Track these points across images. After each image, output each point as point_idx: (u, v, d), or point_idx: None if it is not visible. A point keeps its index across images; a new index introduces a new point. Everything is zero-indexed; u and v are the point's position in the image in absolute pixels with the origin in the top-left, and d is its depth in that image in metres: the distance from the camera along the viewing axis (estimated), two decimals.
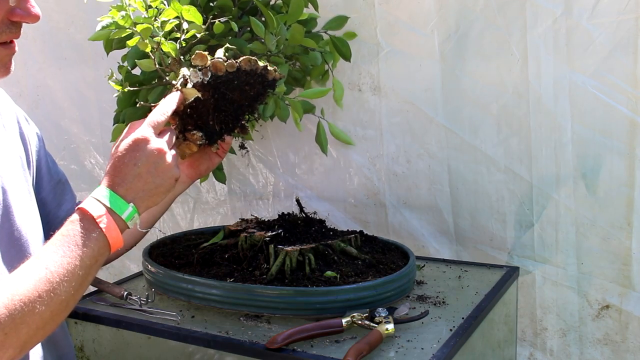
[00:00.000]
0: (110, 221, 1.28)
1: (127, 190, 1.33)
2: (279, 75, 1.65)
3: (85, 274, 1.25)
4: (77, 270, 1.22)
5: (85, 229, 1.25)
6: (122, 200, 1.31)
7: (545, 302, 2.20)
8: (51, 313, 1.18)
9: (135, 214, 1.34)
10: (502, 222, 2.23)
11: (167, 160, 1.38)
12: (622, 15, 1.87)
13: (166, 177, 1.38)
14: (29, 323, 1.15)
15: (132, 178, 1.33)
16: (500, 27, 2.06)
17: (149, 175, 1.35)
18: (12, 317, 1.12)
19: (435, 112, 2.22)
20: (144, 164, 1.34)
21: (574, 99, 2.00)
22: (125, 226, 1.32)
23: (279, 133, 2.53)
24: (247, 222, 2.12)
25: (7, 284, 1.16)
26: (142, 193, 1.35)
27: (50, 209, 1.68)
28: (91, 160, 2.96)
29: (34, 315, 1.15)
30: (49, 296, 1.17)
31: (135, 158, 1.34)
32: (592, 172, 2.03)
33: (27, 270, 1.19)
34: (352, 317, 1.65)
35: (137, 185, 1.34)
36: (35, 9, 1.35)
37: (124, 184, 1.33)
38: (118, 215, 1.30)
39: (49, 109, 2.89)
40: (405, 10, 2.18)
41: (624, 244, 2.03)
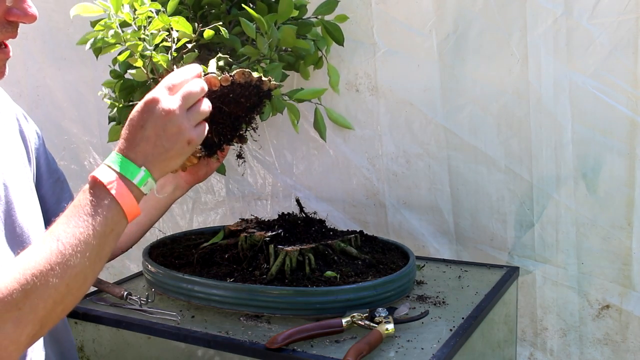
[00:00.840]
0: (122, 187, 1.23)
1: (136, 154, 1.27)
2: (274, 85, 1.62)
3: (101, 243, 1.21)
4: (91, 240, 1.18)
5: (97, 196, 1.21)
6: (133, 164, 1.26)
7: (545, 302, 2.20)
8: (67, 286, 1.15)
9: (149, 178, 1.28)
10: (503, 222, 2.23)
11: (177, 121, 1.29)
12: (623, 15, 1.87)
13: (176, 140, 1.30)
14: (44, 297, 1.12)
15: (140, 141, 1.27)
16: (499, 27, 2.05)
17: (157, 138, 1.28)
18: (25, 291, 1.10)
19: (435, 113, 2.22)
20: (152, 126, 1.27)
21: (574, 99, 2.00)
22: (140, 192, 1.27)
23: (276, 133, 2.53)
24: (247, 222, 2.12)
25: (19, 259, 1.14)
26: (152, 157, 1.28)
27: (49, 206, 1.68)
28: (90, 160, 2.96)
29: (48, 289, 1.13)
30: (62, 268, 1.14)
31: (143, 120, 1.28)
32: (592, 172, 2.03)
33: (38, 244, 1.16)
34: (352, 317, 1.65)
35: (146, 148, 1.27)
36: (32, 9, 1.33)
37: (133, 148, 1.27)
38: (130, 181, 1.25)
39: (48, 109, 2.89)
40: (403, 10, 2.17)
41: (624, 244, 2.02)
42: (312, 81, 2.16)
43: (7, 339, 1.09)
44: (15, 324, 1.10)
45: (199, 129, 1.34)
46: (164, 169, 1.31)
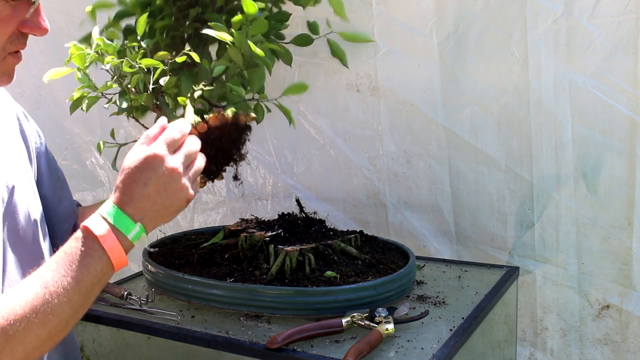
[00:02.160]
0: (114, 241, 1.24)
1: (135, 209, 1.27)
2: (250, 118, 1.68)
3: (87, 293, 1.22)
4: (77, 290, 1.19)
5: (88, 247, 1.22)
6: (130, 219, 1.26)
7: (545, 301, 2.20)
8: (49, 333, 1.17)
9: (143, 233, 1.28)
10: (503, 222, 2.23)
11: (179, 181, 1.31)
12: (623, 15, 1.87)
13: (177, 198, 1.32)
14: (24, 343, 1.13)
15: (141, 197, 1.28)
16: (500, 27, 2.05)
17: (158, 195, 1.29)
18: (7, 335, 1.11)
19: (435, 113, 2.22)
20: (154, 184, 1.28)
21: (574, 99, 2.00)
22: (131, 246, 1.28)
23: (276, 133, 2.54)
24: (247, 222, 2.12)
25: (4, 301, 1.15)
26: (151, 213, 1.29)
27: (50, 205, 1.67)
28: (92, 160, 2.96)
29: (30, 335, 1.14)
30: (46, 316, 1.15)
31: (145, 177, 1.28)
32: (592, 172, 2.03)
33: (25, 288, 1.17)
34: (352, 317, 1.66)
35: (146, 205, 1.28)
36: (45, 23, 1.37)
37: (132, 203, 1.27)
38: (123, 235, 1.25)
39: (50, 109, 2.90)
40: (403, 10, 2.17)
41: (624, 244, 2.03)
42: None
43: None
44: None
45: (196, 185, 1.38)
46: (159, 223, 1.33)
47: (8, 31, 1.32)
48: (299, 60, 2.34)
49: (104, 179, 2.95)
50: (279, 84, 2.41)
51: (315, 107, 2.39)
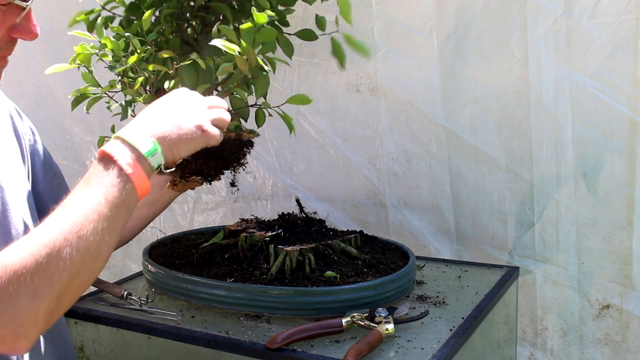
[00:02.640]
0: (130, 157, 1.22)
1: (149, 125, 1.28)
2: (253, 135, 1.75)
3: (113, 214, 1.18)
4: (103, 210, 1.16)
5: (106, 167, 1.20)
6: (143, 135, 1.25)
7: (545, 301, 2.20)
8: (81, 257, 1.13)
9: (157, 150, 1.26)
10: (503, 222, 2.23)
11: (198, 105, 1.34)
12: (623, 15, 1.87)
13: (191, 120, 1.32)
14: (59, 269, 1.10)
15: (156, 115, 1.30)
16: (500, 27, 2.05)
17: (174, 114, 1.30)
18: (39, 263, 1.08)
19: (435, 113, 2.22)
20: (173, 104, 1.32)
21: (574, 99, 2.00)
22: (148, 165, 1.24)
23: (276, 134, 2.54)
24: (247, 222, 2.12)
25: (33, 232, 1.13)
26: (164, 130, 1.29)
27: (47, 202, 1.67)
28: (92, 160, 2.95)
29: (62, 260, 1.10)
30: (75, 238, 1.12)
31: (166, 99, 1.33)
32: (592, 172, 2.03)
33: (52, 216, 1.15)
34: (352, 317, 1.65)
35: (160, 122, 1.29)
36: (36, 28, 1.35)
37: (148, 120, 1.28)
38: (139, 152, 1.23)
39: (50, 109, 2.90)
40: (403, 10, 2.18)
41: (624, 244, 2.03)
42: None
43: (23, 314, 1.07)
44: (31, 298, 1.07)
45: (214, 128, 1.37)
46: (173, 149, 1.30)
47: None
48: (299, 60, 2.34)
49: None
50: (279, 83, 2.42)
51: (315, 107, 2.39)
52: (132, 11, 1.90)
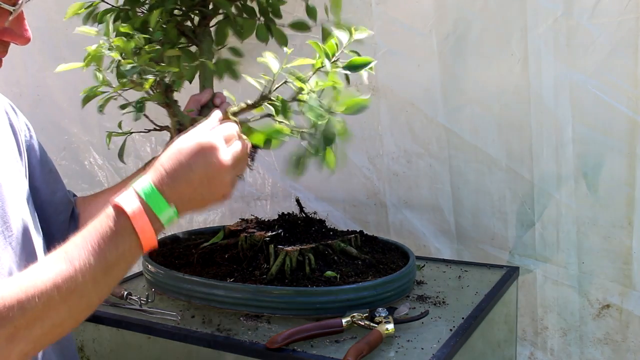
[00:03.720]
0: (145, 221, 1.19)
1: (172, 191, 1.23)
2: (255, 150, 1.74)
3: (112, 274, 1.17)
4: (103, 269, 1.14)
5: (118, 225, 1.17)
6: (165, 201, 1.22)
7: (546, 301, 2.20)
8: (69, 311, 1.11)
9: (175, 217, 1.24)
10: (504, 222, 2.23)
11: (225, 176, 1.29)
12: (623, 15, 1.87)
13: (216, 191, 1.30)
14: (42, 318, 1.08)
15: (182, 181, 1.24)
16: (500, 27, 2.05)
17: (200, 184, 1.26)
18: (24, 310, 1.05)
19: (435, 112, 2.22)
20: (200, 173, 1.25)
21: (574, 99, 2.00)
22: (161, 227, 1.22)
23: None
24: (247, 222, 2.12)
25: (25, 273, 1.12)
26: (188, 199, 1.25)
27: (44, 197, 1.66)
28: (91, 160, 2.96)
29: (49, 311, 1.08)
30: (67, 292, 1.09)
31: (194, 163, 1.25)
32: (592, 172, 2.03)
33: (49, 262, 1.12)
34: (352, 317, 1.66)
35: (185, 190, 1.24)
36: (28, 32, 1.33)
37: (172, 185, 1.23)
38: (155, 215, 1.20)
39: (49, 109, 2.89)
40: (403, 10, 2.17)
41: (624, 243, 2.02)
42: None
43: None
44: (7, 341, 1.06)
45: (234, 186, 1.35)
46: (190, 211, 1.30)
47: None
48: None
49: (103, 179, 2.95)
50: None
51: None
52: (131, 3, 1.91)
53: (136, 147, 2.79)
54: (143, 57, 1.63)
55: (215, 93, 1.89)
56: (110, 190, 1.86)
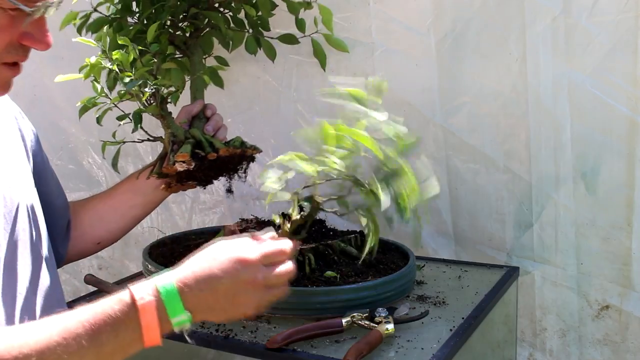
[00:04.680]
0: (154, 318, 1.15)
1: (193, 297, 1.19)
2: (256, 152, 1.93)
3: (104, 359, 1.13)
4: (96, 353, 1.11)
5: (125, 314, 1.13)
6: (182, 304, 1.17)
7: (544, 302, 2.20)
8: None
9: (188, 323, 1.18)
10: (501, 223, 2.22)
11: (252, 296, 1.26)
12: (622, 13, 1.87)
13: (239, 309, 1.26)
14: None
15: (207, 290, 1.20)
16: (498, 26, 2.05)
17: (224, 297, 1.22)
18: None
19: (433, 112, 2.21)
20: (227, 285, 1.22)
21: (573, 99, 1.99)
22: (170, 329, 1.18)
23: (274, 132, 2.52)
24: (247, 222, 2.12)
25: (18, 332, 1.09)
26: (206, 309, 1.22)
27: (49, 201, 1.66)
28: (89, 160, 2.95)
29: None
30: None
31: (224, 275, 1.22)
32: (591, 172, 2.03)
33: (43, 328, 1.10)
34: (352, 317, 1.65)
35: (207, 299, 1.21)
36: (49, 38, 1.30)
37: (195, 291, 1.19)
38: (167, 316, 1.16)
39: (46, 108, 2.88)
40: (401, 9, 2.17)
41: (623, 244, 2.02)
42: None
43: None
44: None
45: (262, 308, 1.30)
46: (204, 319, 1.26)
47: (5, 41, 1.26)
48: (297, 59, 2.33)
49: (101, 179, 2.94)
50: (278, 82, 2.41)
51: (313, 106, 2.38)
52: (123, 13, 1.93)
53: (136, 147, 2.78)
54: (140, 70, 1.65)
55: (206, 104, 1.93)
56: (99, 197, 1.89)
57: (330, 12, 2.13)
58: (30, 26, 1.27)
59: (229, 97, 2.47)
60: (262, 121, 2.50)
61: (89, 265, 3.03)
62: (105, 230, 1.87)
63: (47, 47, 1.31)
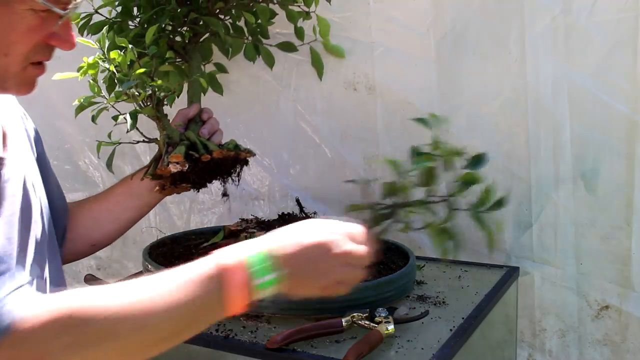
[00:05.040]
0: (242, 278, 1.16)
1: (280, 257, 1.20)
2: (250, 155, 1.90)
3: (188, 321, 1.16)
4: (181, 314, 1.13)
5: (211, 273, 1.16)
6: (270, 263, 1.18)
7: (544, 303, 2.19)
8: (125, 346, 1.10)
9: (274, 285, 1.18)
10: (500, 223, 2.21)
11: (335, 268, 1.27)
12: (622, 13, 1.87)
13: (321, 279, 1.27)
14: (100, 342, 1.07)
15: (294, 251, 1.22)
16: (497, 26, 2.05)
17: (310, 263, 1.24)
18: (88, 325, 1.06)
19: (432, 112, 2.20)
20: (313, 250, 1.24)
21: (572, 99, 1.99)
22: (256, 294, 1.17)
23: (273, 132, 2.52)
24: (247, 222, 2.12)
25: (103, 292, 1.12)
26: (291, 272, 1.21)
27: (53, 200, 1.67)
28: (85, 160, 2.94)
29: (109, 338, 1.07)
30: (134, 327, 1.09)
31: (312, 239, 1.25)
32: (591, 172, 2.02)
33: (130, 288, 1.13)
34: (352, 317, 1.65)
35: (293, 261, 1.21)
36: (74, 38, 1.34)
37: (283, 250, 1.21)
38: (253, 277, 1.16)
39: (43, 108, 2.87)
40: (401, 8, 2.17)
41: (623, 244, 2.02)
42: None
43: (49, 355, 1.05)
44: (64, 349, 1.05)
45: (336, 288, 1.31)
46: (288, 287, 1.23)
47: (33, 41, 1.29)
48: (297, 58, 2.33)
49: (98, 179, 2.93)
50: (277, 82, 2.41)
51: (313, 105, 2.38)
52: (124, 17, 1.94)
53: (133, 147, 2.78)
54: (137, 71, 1.66)
55: (203, 108, 1.94)
56: (94, 199, 1.89)
57: (327, 24, 2.16)
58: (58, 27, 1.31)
59: (228, 96, 2.47)
60: (261, 121, 2.50)
61: (87, 265, 3.03)
62: (100, 233, 1.86)
63: (72, 47, 1.35)
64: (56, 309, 1.06)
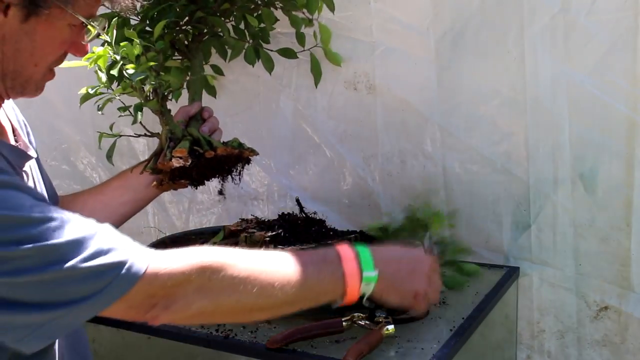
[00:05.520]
0: (354, 266, 1.34)
1: (381, 258, 1.38)
2: (253, 154, 1.92)
3: (303, 298, 1.34)
4: (300, 288, 1.31)
5: (330, 257, 1.36)
6: (373, 261, 1.36)
7: (542, 304, 2.19)
8: (248, 305, 1.27)
9: (374, 282, 1.36)
10: (499, 224, 2.21)
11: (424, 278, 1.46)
12: (621, 12, 1.86)
13: (413, 284, 1.45)
14: (231, 292, 1.24)
15: (392, 257, 1.44)
16: (496, 25, 2.04)
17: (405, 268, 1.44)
18: (223, 277, 1.22)
19: (431, 112, 2.20)
20: (408, 260, 1.47)
21: (571, 98, 1.99)
22: (362, 287, 1.36)
23: (273, 132, 2.52)
24: (247, 222, 2.11)
25: (245, 255, 1.29)
26: (389, 274, 1.39)
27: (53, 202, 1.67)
28: (83, 161, 2.94)
29: (227, 292, 1.24)
30: (253, 290, 1.24)
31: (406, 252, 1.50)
32: (590, 172, 2.02)
33: (263, 255, 1.34)
34: (352, 317, 1.65)
35: (391, 265, 1.41)
36: (88, 46, 1.45)
37: (382, 254, 1.41)
38: (361, 269, 1.35)
39: (40, 108, 2.86)
40: (401, 8, 2.16)
41: (622, 245, 2.01)
42: None
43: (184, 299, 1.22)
44: (196, 291, 1.22)
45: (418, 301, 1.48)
46: (387, 289, 1.41)
47: (61, 51, 1.38)
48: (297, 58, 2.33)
49: (95, 179, 2.93)
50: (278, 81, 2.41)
51: (313, 105, 2.38)
52: None
53: (132, 146, 2.78)
54: (143, 64, 1.67)
55: (204, 107, 1.95)
56: (89, 192, 1.89)
57: (329, 31, 2.17)
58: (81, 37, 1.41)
59: (228, 95, 2.47)
60: (261, 120, 2.49)
61: None
62: None
63: (85, 55, 1.47)
64: (193, 257, 1.24)
